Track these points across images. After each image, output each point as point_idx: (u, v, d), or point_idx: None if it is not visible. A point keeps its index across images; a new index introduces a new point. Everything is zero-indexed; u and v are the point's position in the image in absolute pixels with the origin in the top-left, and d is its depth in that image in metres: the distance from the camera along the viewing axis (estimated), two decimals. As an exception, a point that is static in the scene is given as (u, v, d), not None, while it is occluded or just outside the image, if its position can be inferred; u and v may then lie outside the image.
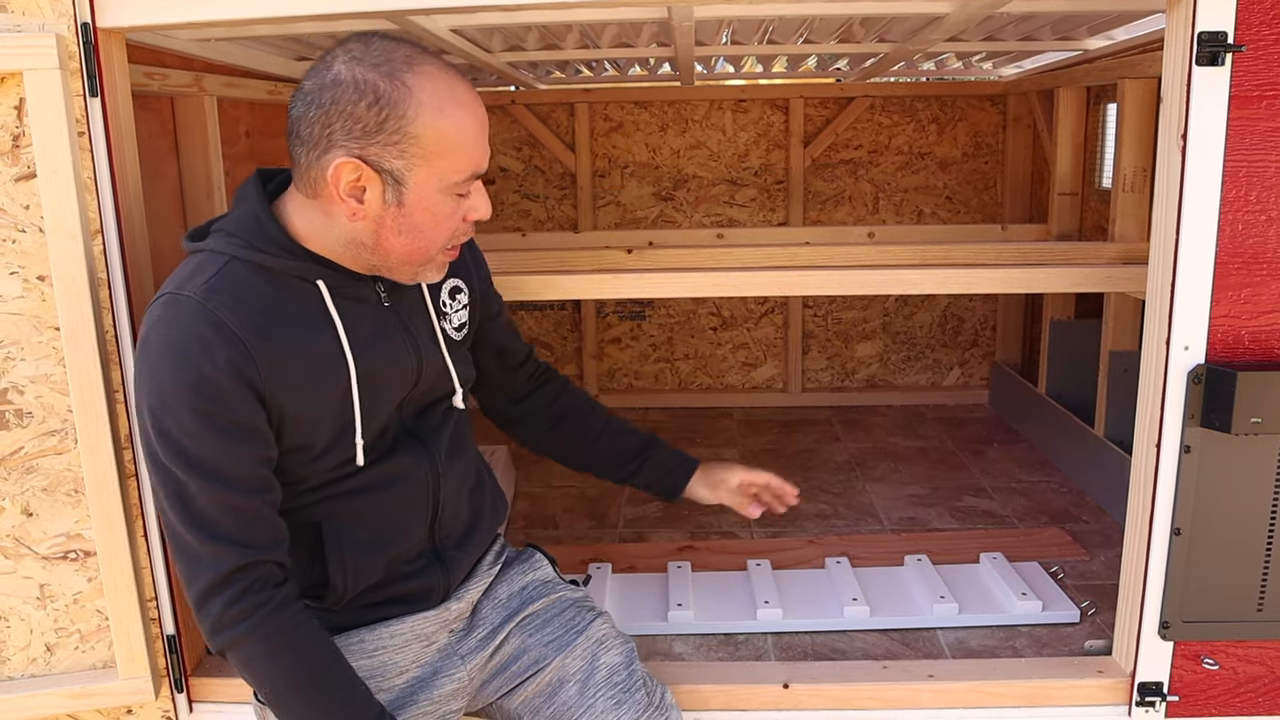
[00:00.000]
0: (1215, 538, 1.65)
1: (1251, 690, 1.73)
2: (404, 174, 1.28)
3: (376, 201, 1.29)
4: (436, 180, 1.29)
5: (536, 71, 3.44)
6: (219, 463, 1.27)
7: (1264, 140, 1.53)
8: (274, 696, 1.33)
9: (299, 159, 1.31)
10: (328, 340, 1.35)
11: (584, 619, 1.63)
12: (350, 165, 1.26)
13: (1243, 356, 1.60)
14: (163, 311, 1.28)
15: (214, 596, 1.28)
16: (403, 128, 1.25)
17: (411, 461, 1.47)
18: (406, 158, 1.27)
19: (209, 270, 1.30)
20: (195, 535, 1.28)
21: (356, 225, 1.31)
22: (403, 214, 1.30)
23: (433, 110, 1.26)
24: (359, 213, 1.30)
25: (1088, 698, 1.78)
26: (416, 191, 1.29)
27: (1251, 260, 1.57)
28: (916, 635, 2.04)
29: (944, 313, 3.92)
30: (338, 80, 1.25)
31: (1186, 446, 1.62)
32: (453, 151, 1.29)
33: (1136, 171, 2.67)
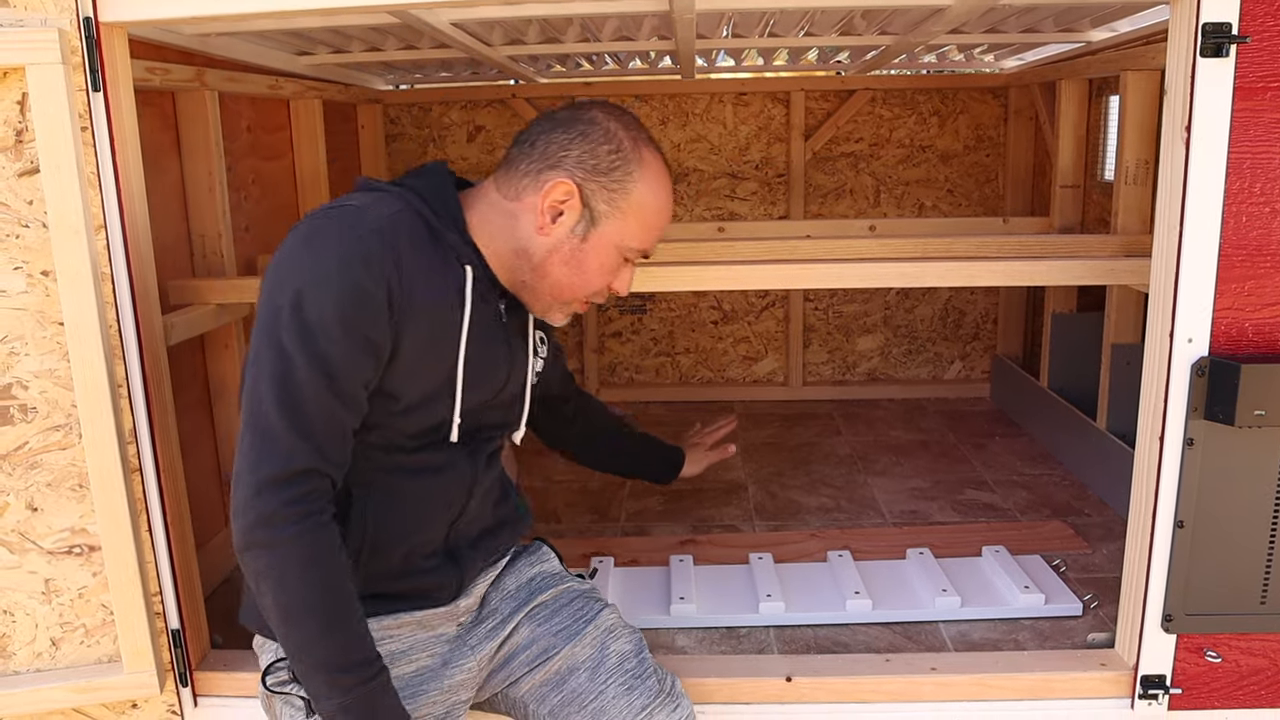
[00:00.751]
0: (1218, 530, 1.65)
1: (1254, 683, 1.73)
2: (601, 218, 1.45)
3: (566, 227, 1.45)
4: (619, 236, 1.47)
5: (537, 65, 3.43)
6: (337, 366, 1.31)
7: (1268, 132, 1.53)
8: (286, 613, 1.31)
9: (519, 163, 1.46)
10: (456, 317, 1.44)
11: (592, 609, 1.65)
12: (567, 188, 1.43)
13: (1246, 349, 1.60)
14: (345, 215, 1.36)
15: (275, 489, 1.29)
16: (624, 182, 1.44)
17: (458, 460, 1.52)
18: (611, 206, 1.45)
19: (393, 206, 1.40)
20: (284, 421, 1.30)
21: (536, 239, 1.45)
22: (579, 249, 1.46)
23: (650, 184, 1.47)
24: (545, 229, 1.44)
25: (1090, 690, 1.78)
26: (601, 237, 1.46)
27: (1255, 252, 1.57)
28: (919, 629, 2.04)
29: (945, 306, 3.92)
30: (593, 121, 1.45)
31: (1190, 439, 1.62)
32: (644, 223, 1.48)
33: (1139, 164, 2.67)
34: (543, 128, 1.46)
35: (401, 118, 3.83)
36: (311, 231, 1.35)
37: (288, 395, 1.30)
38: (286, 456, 1.29)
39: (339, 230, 1.34)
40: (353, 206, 1.37)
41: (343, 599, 1.33)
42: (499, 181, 1.48)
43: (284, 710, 1.44)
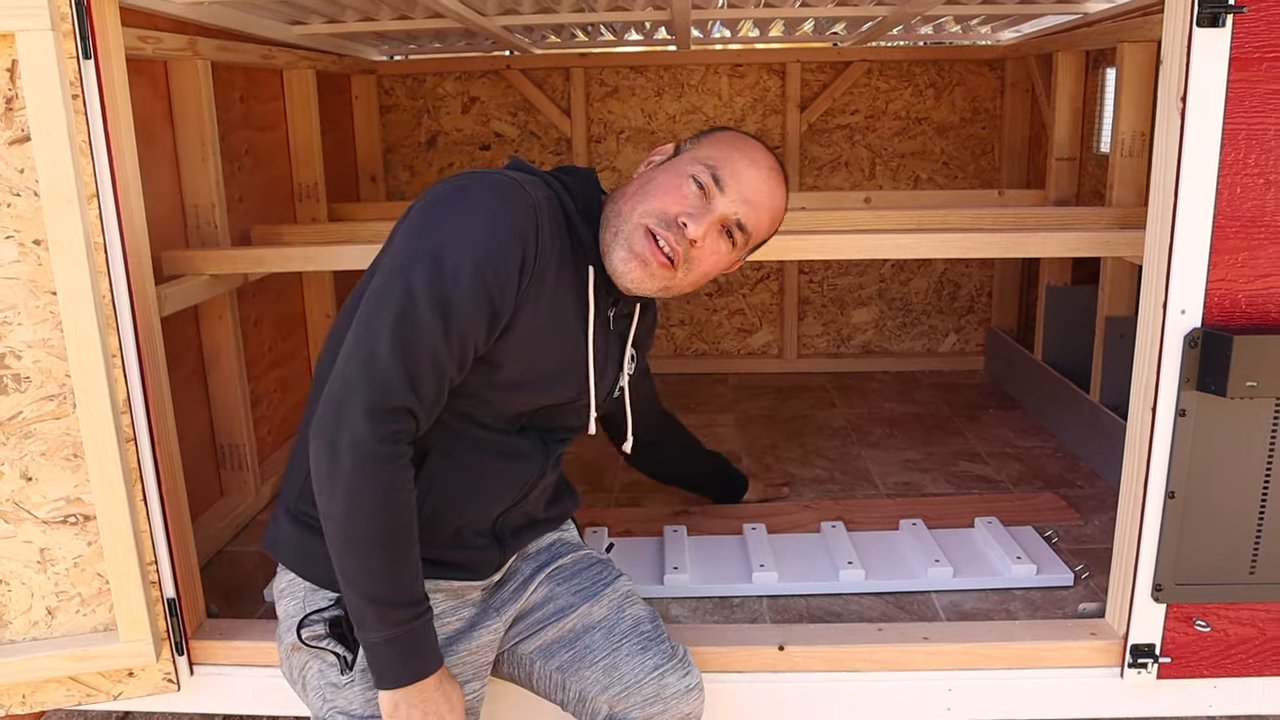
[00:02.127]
0: (1209, 501, 1.66)
1: (1242, 651, 1.75)
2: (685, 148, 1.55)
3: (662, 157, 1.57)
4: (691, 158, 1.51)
5: (532, 36, 3.41)
6: (458, 315, 1.34)
7: (1264, 102, 1.52)
8: (351, 540, 1.34)
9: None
10: (576, 312, 1.51)
11: (610, 574, 1.71)
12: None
13: (1239, 320, 1.60)
14: (505, 182, 1.40)
15: (370, 418, 1.32)
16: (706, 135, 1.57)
17: (532, 452, 1.58)
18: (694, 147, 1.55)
19: (547, 189, 1.47)
20: (395, 355, 1.32)
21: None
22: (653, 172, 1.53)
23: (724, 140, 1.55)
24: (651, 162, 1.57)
25: (1081, 659, 1.80)
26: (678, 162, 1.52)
27: (1249, 224, 1.57)
28: (911, 599, 2.05)
29: (940, 279, 3.92)
30: None
31: (1182, 410, 1.62)
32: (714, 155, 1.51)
33: (1135, 136, 2.66)
34: None
35: (396, 88, 3.81)
36: (468, 189, 1.39)
37: (405, 332, 1.33)
38: (388, 390, 1.32)
39: (498, 195, 1.38)
40: (510, 178, 1.41)
41: (407, 537, 1.37)
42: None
43: (312, 665, 1.46)
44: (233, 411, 2.50)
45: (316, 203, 3.02)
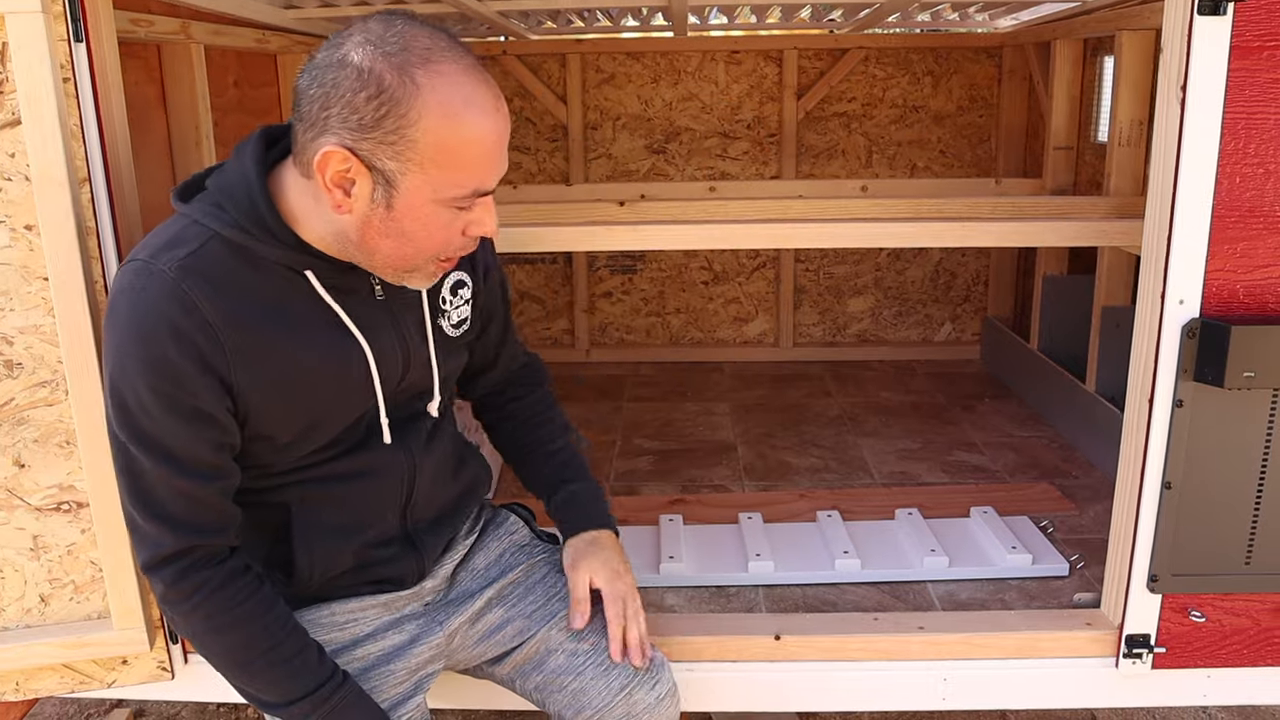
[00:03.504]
0: (1205, 491, 1.66)
1: (1236, 642, 1.75)
2: (396, 177, 1.18)
3: (364, 198, 1.19)
4: (431, 191, 1.19)
5: (528, 21, 3.39)
6: (173, 444, 1.23)
7: (1264, 92, 1.52)
8: (222, 667, 1.35)
9: (298, 134, 1.21)
10: (319, 328, 1.30)
11: (564, 584, 1.58)
12: (339, 155, 1.16)
13: (1237, 310, 1.59)
14: (133, 280, 1.21)
15: (154, 573, 1.29)
16: (401, 129, 1.15)
17: (388, 453, 1.43)
18: (401, 160, 1.17)
19: (188, 244, 1.22)
20: (140, 511, 1.27)
21: (342, 218, 1.22)
22: (390, 217, 1.21)
23: (439, 116, 1.15)
24: (344, 205, 1.20)
25: (1076, 649, 1.79)
26: (407, 198, 1.19)
27: (1248, 214, 1.57)
28: (907, 588, 2.06)
29: (936, 268, 3.92)
30: (345, 61, 1.15)
31: (1179, 400, 1.62)
32: (454, 165, 1.18)
33: (1133, 125, 2.66)
34: (302, 83, 1.19)
35: (390, 74, 3.78)
36: (110, 310, 1.23)
37: (136, 486, 1.26)
38: (154, 543, 1.27)
39: (130, 304, 1.20)
40: (140, 262, 1.22)
41: (270, 642, 1.32)
42: (295, 158, 1.24)
43: None
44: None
45: (310, 189, 3.00)
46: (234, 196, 1.24)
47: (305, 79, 1.19)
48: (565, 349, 4.00)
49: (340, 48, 1.17)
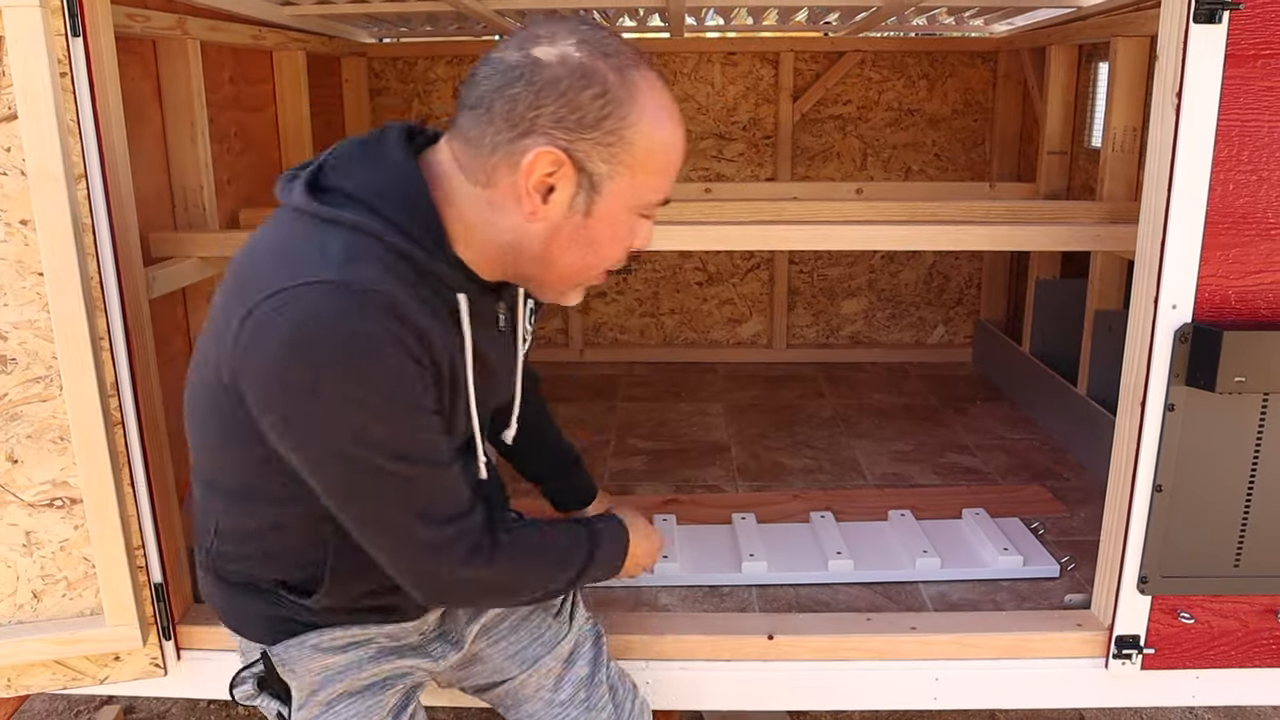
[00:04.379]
0: (1196, 495, 1.67)
1: (1225, 644, 1.76)
2: (603, 181, 1.14)
3: (562, 205, 1.15)
4: (631, 196, 1.17)
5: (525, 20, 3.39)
6: (432, 443, 1.18)
7: (1258, 100, 1.53)
8: (551, 590, 1.40)
9: (480, 137, 1.14)
10: (460, 355, 1.23)
11: (549, 629, 1.56)
12: (551, 157, 1.11)
13: (1229, 316, 1.61)
14: (336, 304, 1.07)
15: (471, 566, 1.24)
16: (620, 130, 1.12)
17: None
18: (612, 163, 1.13)
19: (368, 253, 1.11)
20: (428, 526, 1.20)
21: (529, 227, 1.16)
22: (586, 225, 1.17)
23: (651, 120, 1.14)
24: (539, 212, 1.14)
25: (1066, 650, 1.81)
26: (608, 204, 1.16)
27: (1241, 220, 1.58)
28: (899, 589, 2.06)
29: (929, 270, 3.93)
30: (565, 59, 1.10)
31: (1171, 404, 1.63)
32: (656, 170, 1.17)
33: (1126, 131, 2.67)
34: (492, 82, 1.13)
35: (386, 71, 3.78)
36: (312, 349, 1.07)
37: (416, 503, 1.19)
38: (456, 543, 1.22)
39: (347, 335, 1.07)
40: (333, 284, 1.08)
41: (558, 539, 1.39)
42: (462, 163, 1.17)
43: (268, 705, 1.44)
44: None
45: (306, 186, 3.00)
46: (396, 204, 1.15)
47: (497, 78, 1.13)
48: (559, 349, 4.00)
49: (551, 44, 1.12)
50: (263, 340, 1.09)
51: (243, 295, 1.11)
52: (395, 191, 1.15)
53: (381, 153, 1.19)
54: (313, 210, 1.14)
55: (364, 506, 1.19)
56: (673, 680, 1.82)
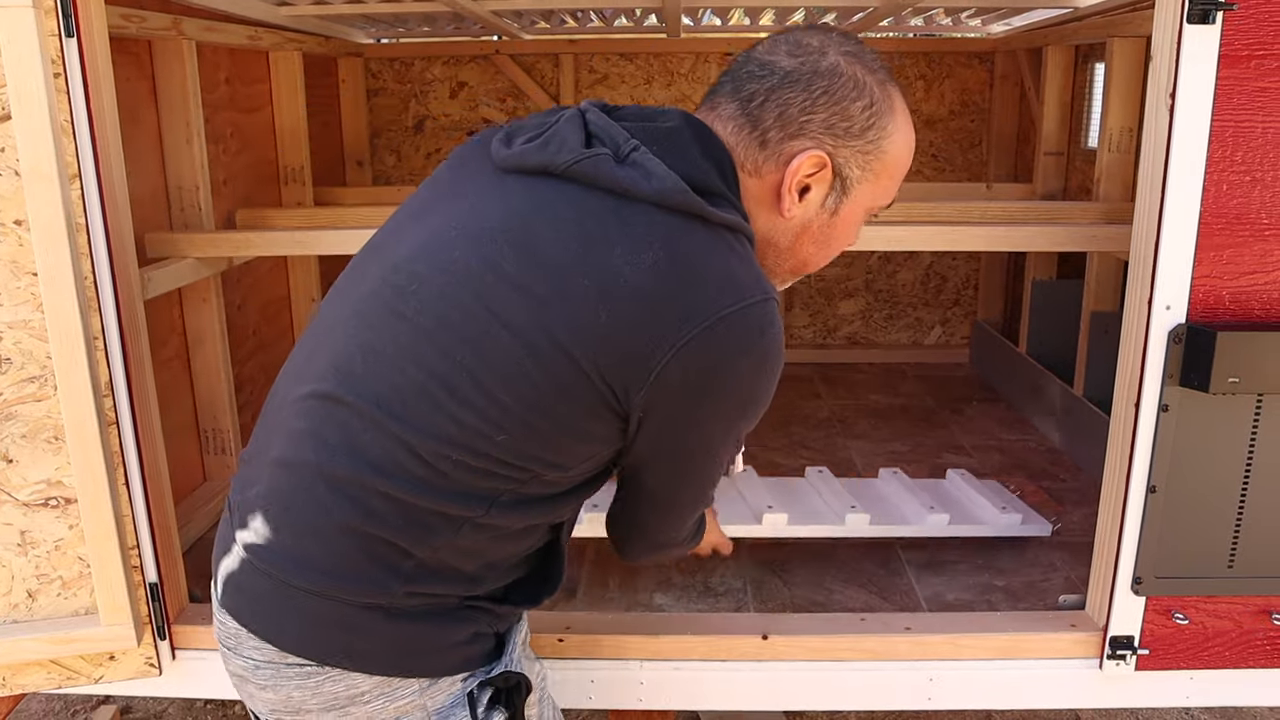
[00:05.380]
0: (1190, 496, 1.67)
1: (1219, 644, 1.76)
2: (854, 184, 1.22)
3: (815, 203, 1.22)
4: (869, 199, 1.24)
5: (521, 20, 3.39)
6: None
7: (1251, 100, 1.53)
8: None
9: (755, 131, 1.19)
10: None
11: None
12: (816, 159, 1.18)
13: (1223, 317, 1.61)
14: (774, 319, 1.14)
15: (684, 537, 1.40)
16: (879, 140, 1.20)
17: None
18: (865, 169, 1.21)
19: (752, 256, 1.18)
20: (701, 503, 1.34)
21: (780, 224, 1.24)
22: (831, 223, 1.24)
23: (903, 132, 1.23)
24: (794, 209, 1.22)
25: (1060, 650, 1.81)
26: (851, 205, 1.23)
27: (1235, 220, 1.58)
28: (893, 587, 2.07)
29: (926, 271, 3.93)
30: (836, 70, 1.18)
31: (1165, 405, 1.63)
32: (893, 178, 1.25)
33: (1123, 132, 2.67)
34: (769, 83, 1.19)
35: (383, 72, 3.78)
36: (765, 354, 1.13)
37: (711, 483, 1.31)
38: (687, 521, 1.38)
39: (777, 337, 1.14)
40: (771, 299, 1.13)
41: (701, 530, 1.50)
42: (738, 155, 1.21)
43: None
44: (216, 396, 2.48)
45: (302, 186, 3.01)
46: (730, 195, 1.19)
47: (771, 78, 1.19)
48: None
49: (823, 56, 1.19)
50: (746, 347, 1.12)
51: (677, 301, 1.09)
52: (722, 184, 1.18)
53: (715, 145, 1.20)
54: (714, 214, 1.14)
55: (685, 489, 1.29)
56: (669, 680, 1.82)
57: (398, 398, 1.12)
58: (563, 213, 1.12)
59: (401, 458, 1.12)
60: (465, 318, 1.11)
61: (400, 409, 1.12)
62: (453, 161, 1.30)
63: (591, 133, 1.18)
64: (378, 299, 1.17)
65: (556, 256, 1.10)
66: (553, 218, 1.12)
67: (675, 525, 1.35)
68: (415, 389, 1.12)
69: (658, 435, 1.16)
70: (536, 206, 1.14)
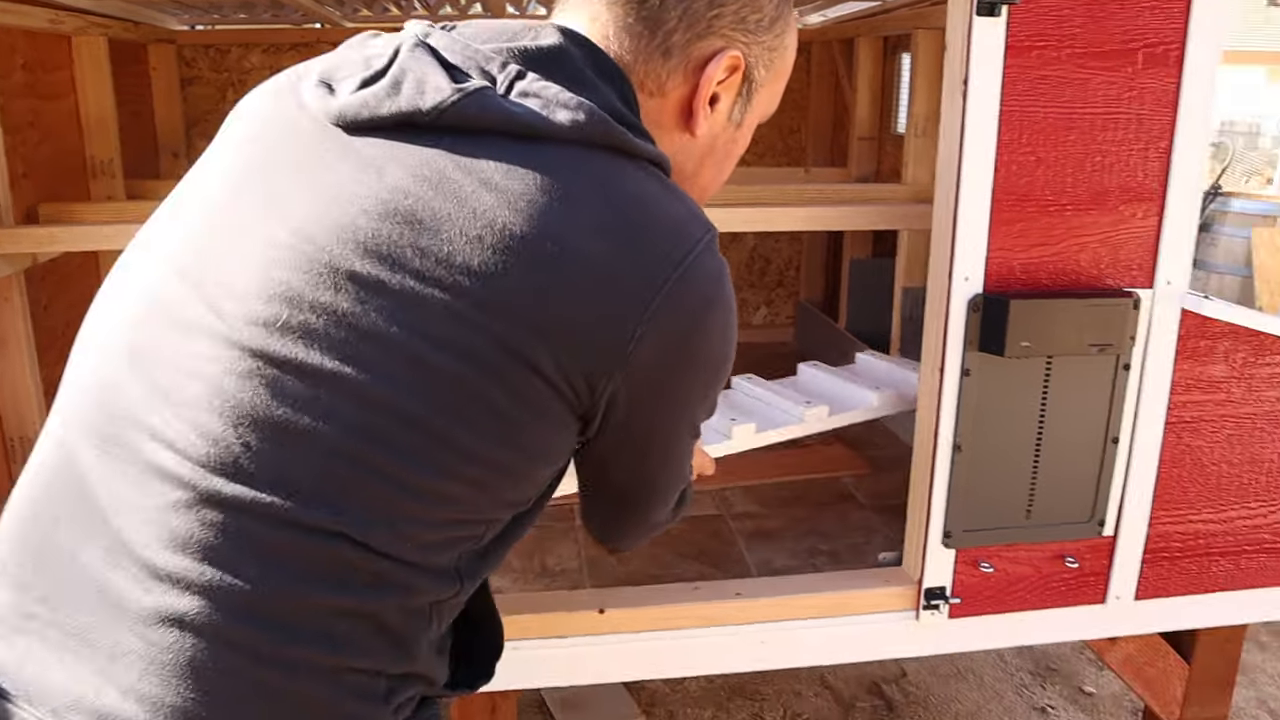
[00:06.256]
0: (991, 453, 1.81)
1: (1021, 589, 1.91)
2: (757, 88, 1.03)
3: (723, 115, 1.02)
4: (765, 106, 1.07)
5: (343, 9, 3.32)
6: None
7: (1034, 86, 1.66)
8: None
9: (650, 40, 0.96)
10: None
11: None
12: (733, 60, 0.98)
13: (1015, 286, 1.74)
14: (719, 254, 0.94)
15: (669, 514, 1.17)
16: (783, 34, 1.03)
17: None
18: (769, 69, 1.03)
19: (678, 188, 0.97)
20: (681, 482, 1.13)
21: (686, 146, 1.03)
22: (734, 138, 1.06)
23: (793, 29, 1.06)
24: (700, 127, 1.01)
25: (880, 605, 1.92)
26: (752, 114, 1.06)
27: (1023, 198, 1.71)
28: (725, 557, 2.14)
29: (751, 254, 4.05)
30: None
31: (966, 369, 1.75)
32: (785, 80, 1.08)
33: (927, 118, 2.83)
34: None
35: (198, 60, 3.63)
36: (715, 293, 0.93)
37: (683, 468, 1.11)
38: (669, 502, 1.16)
39: (727, 280, 0.96)
40: (712, 233, 0.93)
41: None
42: (641, 72, 0.97)
43: None
44: (24, 401, 2.35)
45: (112, 179, 2.87)
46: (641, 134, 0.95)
47: None
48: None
49: None
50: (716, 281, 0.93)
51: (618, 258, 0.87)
52: (620, 105, 0.95)
53: (591, 55, 0.95)
54: (631, 147, 0.91)
55: (662, 474, 1.07)
56: (505, 660, 1.83)
57: (310, 478, 0.83)
58: (457, 176, 0.85)
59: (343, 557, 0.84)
60: (382, 348, 0.83)
61: (322, 492, 0.83)
62: (248, 127, 0.98)
63: (449, 63, 0.91)
64: (234, 352, 0.84)
65: (471, 237, 0.83)
66: (448, 185, 0.85)
67: (660, 507, 1.14)
68: (335, 460, 0.83)
69: (625, 427, 0.94)
70: (418, 173, 0.86)
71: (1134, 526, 1.89)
